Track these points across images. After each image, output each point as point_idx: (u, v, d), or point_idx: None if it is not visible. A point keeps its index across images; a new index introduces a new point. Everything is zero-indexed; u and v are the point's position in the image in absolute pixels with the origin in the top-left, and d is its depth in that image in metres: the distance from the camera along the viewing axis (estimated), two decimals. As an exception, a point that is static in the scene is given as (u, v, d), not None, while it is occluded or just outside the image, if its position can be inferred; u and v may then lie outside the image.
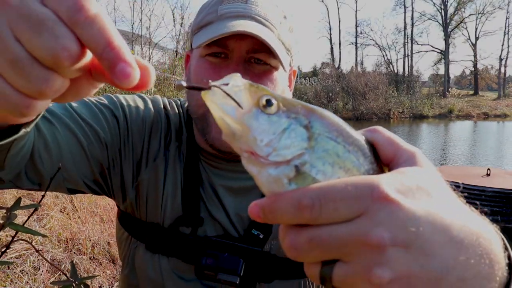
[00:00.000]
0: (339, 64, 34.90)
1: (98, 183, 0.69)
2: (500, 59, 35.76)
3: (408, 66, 33.73)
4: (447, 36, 33.91)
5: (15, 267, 2.11)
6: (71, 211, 2.91)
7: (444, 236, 0.25)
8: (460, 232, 0.26)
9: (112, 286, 2.38)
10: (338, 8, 47.11)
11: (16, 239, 0.59)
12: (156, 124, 0.72)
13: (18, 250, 2.20)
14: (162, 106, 0.75)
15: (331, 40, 36.27)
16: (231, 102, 0.27)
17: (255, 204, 0.27)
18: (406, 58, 34.17)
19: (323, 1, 44.59)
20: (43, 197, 0.64)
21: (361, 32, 36.83)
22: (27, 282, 2.07)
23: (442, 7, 34.15)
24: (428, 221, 0.25)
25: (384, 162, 0.31)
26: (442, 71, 34.74)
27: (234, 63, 0.63)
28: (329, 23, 36.22)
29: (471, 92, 35.16)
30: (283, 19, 0.67)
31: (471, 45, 35.45)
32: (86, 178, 0.67)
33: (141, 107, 0.73)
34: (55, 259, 2.37)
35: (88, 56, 0.28)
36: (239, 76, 0.29)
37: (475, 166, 7.44)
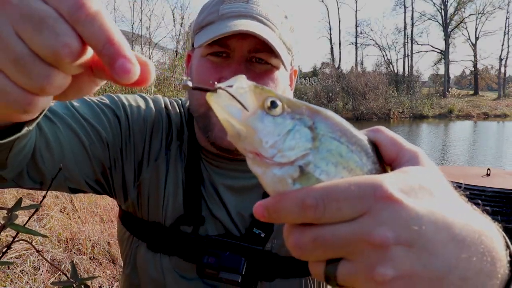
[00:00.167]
0: (339, 64, 34.93)
1: (100, 182, 0.69)
2: (500, 59, 35.77)
3: (408, 66, 33.75)
4: (447, 36, 33.90)
5: (15, 267, 2.11)
6: (71, 211, 2.91)
7: (446, 234, 0.26)
8: (462, 230, 0.26)
9: (112, 286, 2.38)
10: (338, 8, 47.15)
11: (16, 239, 0.59)
12: (157, 123, 0.72)
13: (18, 250, 2.20)
14: (163, 106, 0.75)
15: (331, 40, 36.27)
16: (236, 104, 0.28)
17: (260, 204, 0.27)
18: (406, 58, 34.18)
19: (323, 1, 44.67)
20: (43, 197, 0.64)
21: (361, 32, 36.86)
22: (27, 282, 2.07)
23: (442, 7, 34.16)
24: (431, 220, 0.25)
25: (386, 162, 0.31)
26: (442, 71, 34.76)
27: (235, 63, 0.63)
28: (329, 23, 36.23)
29: (471, 92, 35.16)
30: (284, 19, 0.67)
31: (471, 45, 35.46)
32: (88, 178, 0.67)
33: (142, 106, 0.73)
34: (55, 259, 2.37)
35: (89, 53, 0.28)
36: (244, 78, 0.29)
37: (475, 166, 7.44)
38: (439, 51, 35.17)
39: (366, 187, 0.25)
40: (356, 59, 36.23)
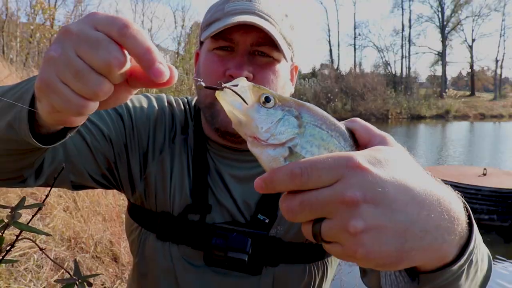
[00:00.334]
0: (338, 65, 35.01)
1: (106, 176, 0.73)
2: (496, 61, 35.99)
3: (406, 68, 33.90)
4: (444, 38, 34.08)
5: (19, 265, 2.13)
6: (74, 210, 2.94)
7: (407, 195, 0.32)
8: (422, 193, 0.32)
9: (114, 284, 2.41)
10: (337, 10, 47.25)
11: (20, 238, 0.61)
12: (160, 119, 0.77)
13: (22, 249, 2.22)
14: (166, 103, 0.80)
15: (330, 42, 36.41)
16: (238, 99, 0.35)
17: (258, 178, 0.34)
18: (404, 59, 34.35)
19: (322, 3, 44.80)
20: (46, 196, 0.65)
21: (359, 34, 37.00)
22: (31, 280, 2.09)
23: (439, 9, 34.35)
24: (393, 184, 0.32)
25: (361, 145, 0.38)
26: (439, 72, 34.94)
27: (239, 55, 0.69)
28: (328, 25, 36.33)
29: (468, 93, 35.31)
30: (284, 16, 0.73)
31: (467, 46, 35.66)
32: (93, 172, 0.71)
33: (145, 104, 0.78)
34: (58, 257, 2.39)
35: (128, 65, 0.36)
36: (244, 79, 0.37)
37: (472, 166, 7.50)
38: (436, 53, 35.36)
39: (340, 159, 0.32)
40: (354, 61, 36.38)
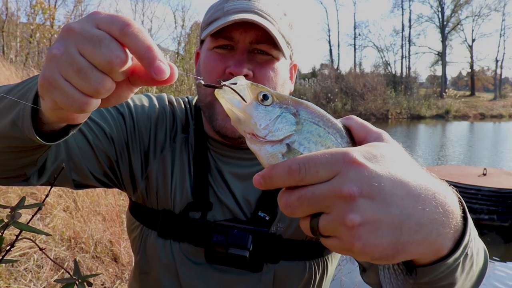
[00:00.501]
0: (338, 65, 35.04)
1: (108, 175, 0.74)
2: (496, 61, 35.99)
3: (406, 68, 33.91)
4: (444, 38, 34.09)
5: (19, 265, 2.13)
6: (74, 210, 2.94)
7: (402, 190, 0.33)
8: (417, 187, 0.33)
9: (114, 284, 2.41)
10: (337, 10, 47.29)
11: (20, 238, 0.60)
12: (161, 118, 0.78)
13: (22, 249, 2.23)
14: (167, 102, 0.81)
15: (330, 42, 36.41)
16: (237, 97, 0.36)
17: (257, 175, 0.34)
18: (404, 59, 34.35)
19: (322, 3, 44.80)
20: (46, 196, 0.65)
21: (359, 34, 37.01)
22: (31, 280, 2.09)
23: (439, 9, 34.35)
24: (389, 178, 0.32)
25: (357, 142, 0.38)
26: (439, 72, 34.94)
27: (239, 53, 0.70)
28: (328, 25, 36.37)
29: (468, 93, 35.32)
30: (283, 15, 0.73)
31: (467, 46, 35.66)
32: (95, 171, 0.71)
33: (146, 103, 0.78)
34: (58, 257, 2.40)
35: (129, 63, 0.37)
36: (243, 78, 0.37)
37: (472, 166, 7.50)
38: (436, 53, 35.36)
39: (337, 154, 0.32)
40: (354, 61, 36.40)
